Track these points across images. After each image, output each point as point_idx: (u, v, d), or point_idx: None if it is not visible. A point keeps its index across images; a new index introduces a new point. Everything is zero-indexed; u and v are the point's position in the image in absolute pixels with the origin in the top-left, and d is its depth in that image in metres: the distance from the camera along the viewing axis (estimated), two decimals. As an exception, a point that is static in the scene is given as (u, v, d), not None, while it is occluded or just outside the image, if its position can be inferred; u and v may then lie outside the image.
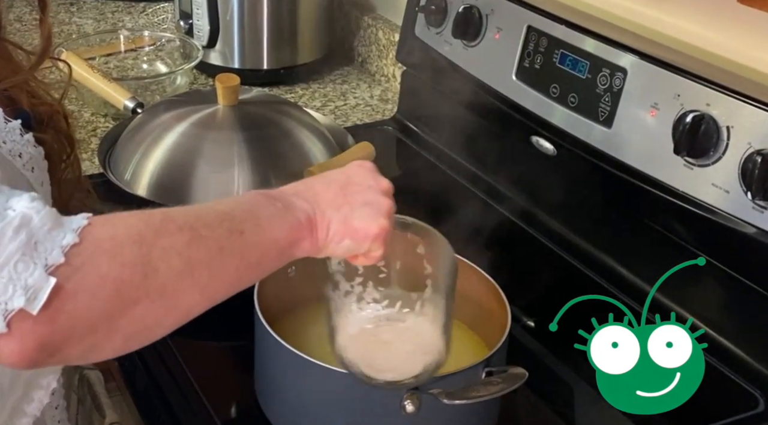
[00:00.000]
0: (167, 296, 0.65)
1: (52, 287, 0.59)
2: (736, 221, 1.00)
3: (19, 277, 0.59)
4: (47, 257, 0.60)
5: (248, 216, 0.71)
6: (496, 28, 1.32)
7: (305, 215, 0.75)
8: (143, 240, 0.64)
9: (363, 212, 0.77)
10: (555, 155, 1.24)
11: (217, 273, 0.68)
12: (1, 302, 0.59)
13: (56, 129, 0.86)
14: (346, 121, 1.64)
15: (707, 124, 1.02)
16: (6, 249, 0.59)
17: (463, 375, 0.87)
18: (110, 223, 0.65)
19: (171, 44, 1.81)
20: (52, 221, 0.62)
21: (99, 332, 0.62)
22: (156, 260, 0.64)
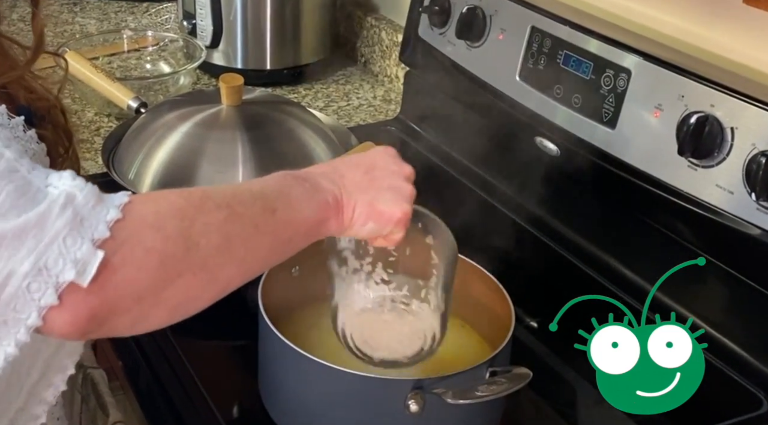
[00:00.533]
0: (207, 269, 0.68)
1: (100, 260, 0.62)
2: (740, 222, 1.00)
3: (68, 251, 0.62)
4: (93, 232, 0.62)
5: (279, 196, 0.75)
6: (500, 29, 1.32)
7: (332, 196, 0.78)
8: (184, 216, 0.67)
9: (387, 196, 0.81)
10: (558, 155, 1.24)
11: (253, 249, 0.71)
12: (53, 276, 0.61)
13: (54, 124, 0.87)
14: (349, 121, 1.64)
15: (711, 125, 1.02)
16: (54, 226, 0.62)
17: (467, 375, 0.87)
18: (151, 199, 0.68)
19: (174, 44, 1.82)
20: (95, 198, 0.64)
21: (145, 303, 0.65)
22: (197, 235, 0.67)
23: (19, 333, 0.63)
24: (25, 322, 0.62)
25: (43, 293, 0.62)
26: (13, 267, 0.62)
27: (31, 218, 0.62)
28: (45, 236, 0.62)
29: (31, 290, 0.62)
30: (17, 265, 0.62)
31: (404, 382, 0.86)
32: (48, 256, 0.62)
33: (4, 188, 0.63)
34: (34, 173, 0.66)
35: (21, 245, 0.62)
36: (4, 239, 0.61)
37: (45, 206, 0.63)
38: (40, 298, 0.62)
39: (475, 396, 0.85)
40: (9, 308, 0.62)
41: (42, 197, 0.63)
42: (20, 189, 0.64)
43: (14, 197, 0.63)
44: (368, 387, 0.87)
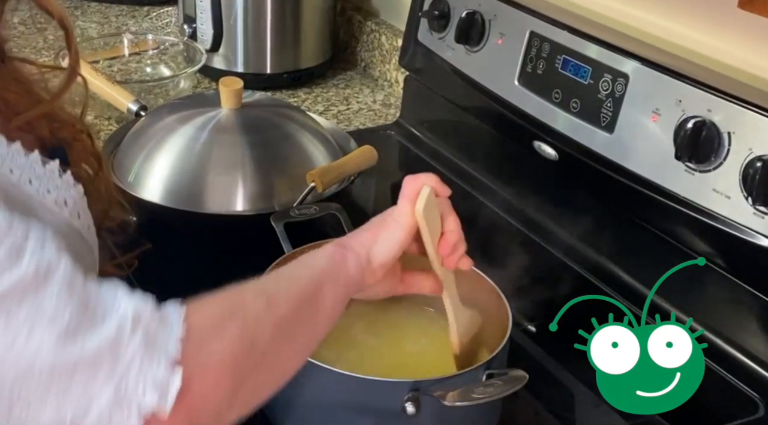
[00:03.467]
0: (268, 360, 0.68)
1: (179, 380, 0.59)
2: (737, 226, 1.01)
3: (146, 375, 0.59)
4: (166, 352, 0.60)
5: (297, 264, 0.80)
6: (499, 34, 1.33)
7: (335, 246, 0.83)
8: (234, 315, 0.67)
9: None
10: (557, 160, 1.25)
11: (301, 322, 0.73)
12: (135, 402, 0.58)
13: (83, 150, 0.83)
14: (348, 125, 1.64)
15: (708, 129, 1.02)
16: (129, 348, 0.59)
17: (464, 377, 0.88)
18: (200, 308, 0.66)
19: (174, 48, 1.82)
20: (157, 316, 0.62)
21: (222, 407, 0.64)
22: (253, 330, 0.67)
23: None
24: None
25: (126, 420, 0.58)
26: (91, 397, 0.58)
27: (103, 342, 0.58)
28: (121, 360, 0.58)
29: (113, 421, 0.58)
30: (95, 394, 0.58)
31: (401, 384, 0.86)
32: (127, 383, 0.58)
33: (66, 306, 0.59)
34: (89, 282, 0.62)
35: (96, 372, 0.58)
36: (78, 367, 0.58)
37: (115, 326, 0.59)
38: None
39: (472, 398, 0.85)
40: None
41: (103, 313, 0.60)
42: (82, 305, 0.60)
43: (78, 315, 0.59)
44: (365, 389, 0.88)
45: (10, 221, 0.60)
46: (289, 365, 0.72)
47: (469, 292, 1.03)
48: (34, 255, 0.59)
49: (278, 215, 1.15)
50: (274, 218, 1.14)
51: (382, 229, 0.85)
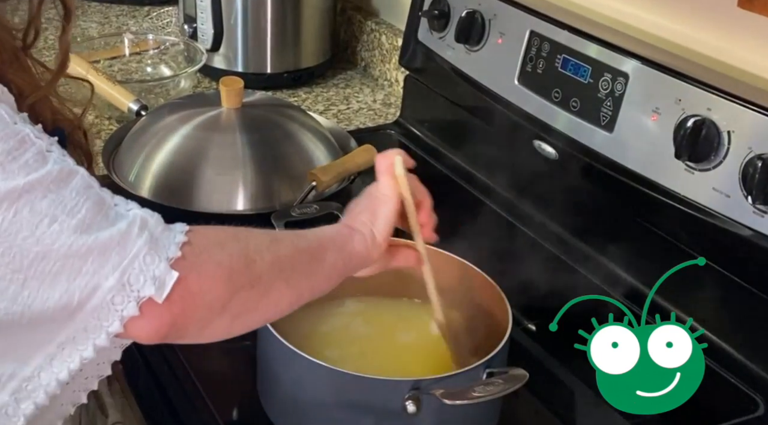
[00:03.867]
0: (262, 283, 0.76)
1: (175, 278, 0.69)
2: (736, 225, 1.01)
3: (147, 269, 0.68)
4: (167, 252, 0.69)
5: (305, 230, 0.86)
6: (499, 33, 1.33)
7: (342, 226, 0.90)
8: (239, 238, 0.76)
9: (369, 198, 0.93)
10: (557, 159, 1.25)
11: (299, 267, 0.80)
12: (135, 291, 0.68)
13: (75, 145, 0.89)
14: (349, 125, 1.64)
15: (708, 128, 1.02)
16: (135, 245, 0.68)
17: (464, 376, 0.88)
18: (208, 228, 0.75)
19: (175, 48, 1.82)
20: (163, 224, 0.72)
21: (213, 312, 0.72)
22: (252, 253, 0.75)
23: (98, 338, 0.69)
24: (106, 329, 0.68)
25: (125, 306, 0.68)
26: (98, 281, 0.67)
27: (114, 236, 0.68)
28: (127, 254, 0.68)
29: (114, 303, 0.68)
30: (102, 279, 0.67)
31: (402, 383, 0.86)
32: (130, 273, 0.68)
33: (84, 203, 0.69)
34: (105, 190, 0.72)
35: (105, 261, 0.67)
36: (90, 255, 0.67)
37: (125, 225, 0.69)
38: (122, 310, 0.68)
39: (472, 397, 0.85)
40: (92, 317, 0.68)
41: (115, 215, 0.70)
42: (97, 205, 0.69)
43: (93, 212, 0.69)
44: (366, 388, 0.88)
45: (38, 133, 0.70)
46: (281, 300, 0.79)
47: (469, 290, 1.03)
48: (57, 160, 0.70)
49: (279, 214, 1.15)
50: (275, 217, 1.14)
51: (377, 206, 0.90)
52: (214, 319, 0.73)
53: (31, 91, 0.83)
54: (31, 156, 0.68)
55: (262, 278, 0.76)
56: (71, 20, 0.89)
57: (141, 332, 0.70)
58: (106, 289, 0.67)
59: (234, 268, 0.73)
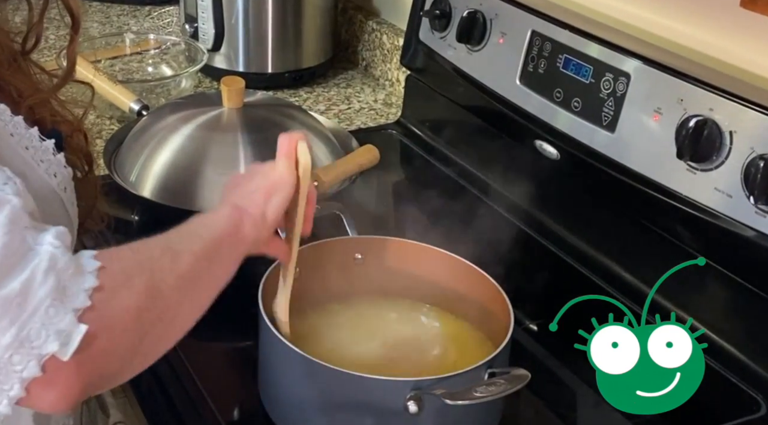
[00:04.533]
0: (171, 310, 0.71)
1: (83, 333, 0.62)
2: (738, 225, 1.01)
3: (51, 322, 0.61)
4: (75, 301, 0.62)
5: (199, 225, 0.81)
6: (501, 33, 1.33)
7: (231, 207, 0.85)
8: (143, 268, 0.70)
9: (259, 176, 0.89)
10: (558, 159, 1.25)
11: (201, 277, 0.76)
12: (36, 347, 0.61)
13: (75, 147, 0.88)
14: (350, 124, 1.64)
15: (710, 128, 1.02)
16: (37, 294, 0.61)
17: (466, 376, 0.88)
18: (113, 258, 0.68)
19: (176, 47, 1.82)
20: (74, 265, 0.64)
21: (126, 361, 0.67)
22: (158, 282, 0.70)
23: (0, 404, 0.62)
24: (7, 393, 0.61)
25: (26, 366, 0.61)
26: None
27: (15, 287, 0.61)
28: (28, 305, 0.61)
29: (13, 362, 0.61)
30: None
31: (403, 383, 0.86)
32: (30, 327, 0.61)
33: None
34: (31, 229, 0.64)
35: (4, 314, 0.60)
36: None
37: (29, 272, 0.61)
38: (22, 370, 0.61)
39: (474, 397, 0.85)
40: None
41: (27, 255, 0.62)
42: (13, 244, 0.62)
43: (6, 252, 0.61)
44: (367, 388, 0.88)
45: None
46: (187, 318, 0.75)
47: (470, 290, 1.03)
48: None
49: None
50: (276, 218, 1.14)
51: (272, 187, 0.87)
52: (125, 367, 0.68)
53: (31, 92, 0.82)
54: None
55: (170, 307, 0.71)
56: (79, 30, 0.87)
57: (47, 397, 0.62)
58: (3, 347, 0.60)
59: (142, 308, 0.67)
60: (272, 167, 0.89)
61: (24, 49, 0.85)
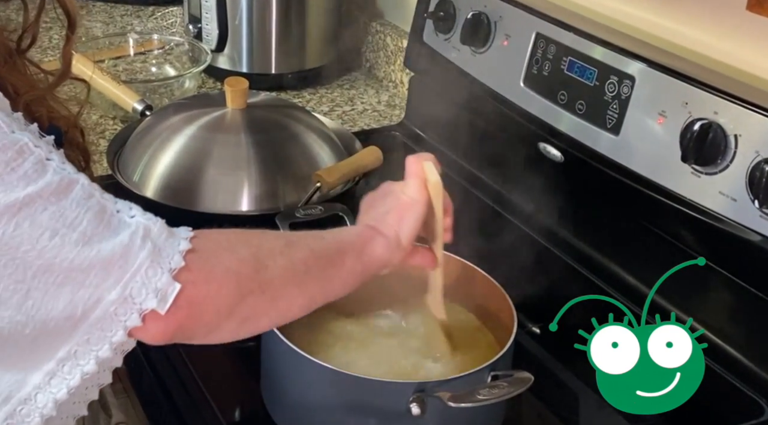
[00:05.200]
0: (274, 288, 0.76)
1: (177, 291, 0.69)
2: (743, 229, 1.00)
3: (150, 282, 0.68)
4: (170, 262, 0.69)
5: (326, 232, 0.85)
6: (505, 35, 1.33)
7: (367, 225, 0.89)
8: (250, 242, 0.76)
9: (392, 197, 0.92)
10: (562, 162, 1.24)
11: (313, 272, 0.79)
12: (137, 303, 0.68)
13: (72, 143, 0.89)
14: (353, 126, 1.64)
15: (715, 132, 1.02)
16: (137, 257, 0.68)
17: (469, 379, 0.87)
18: (218, 231, 0.76)
19: (180, 48, 1.82)
20: (167, 231, 0.71)
21: (221, 316, 0.72)
22: (265, 258, 0.75)
23: (101, 350, 0.69)
24: (110, 339, 0.69)
25: (128, 317, 0.68)
26: (101, 295, 0.67)
27: (116, 250, 0.68)
28: (130, 267, 0.68)
29: (117, 314, 0.68)
30: (105, 293, 0.67)
31: (406, 385, 0.86)
32: (132, 286, 0.68)
33: (85, 215, 0.68)
34: (107, 196, 0.71)
35: (108, 274, 0.67)
36: (92, 269, 0.67)
37: (127, 237, 0.68)
38: (126, 320, 0.68)
39: (477, 400, 0.85)
40: (96, 328, 0.68)
41: (117, 224, 0.69)
42: (98, 216, 0.69)
43: (94, 223, 0.68)
44: (370, 390, 0.87)
45: (36, 141, 0.69)
46: (292, 305, 0.78)
47: (473, 293, 1.03)
48: (57, 170, 0.69)
49: (283, 215, 1.15)
50: (280, 218, 1.14)
51: (404, 209, 0.89)
52: (221, 323, 0.73)
53: (27, 89, 0.83)
54: (30, 166, 0.68)
55: (274, 283, 0.75)
56: (75, 30, 0.89)
57: (146, 336, 0.70)
58: (109, 302, 0.68)
59: (243, 273, 0.73)
60: (403, 188, 0.91)
61: (19, 48, 0.86)
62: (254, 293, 0.74)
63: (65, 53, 0.89)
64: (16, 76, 0.82)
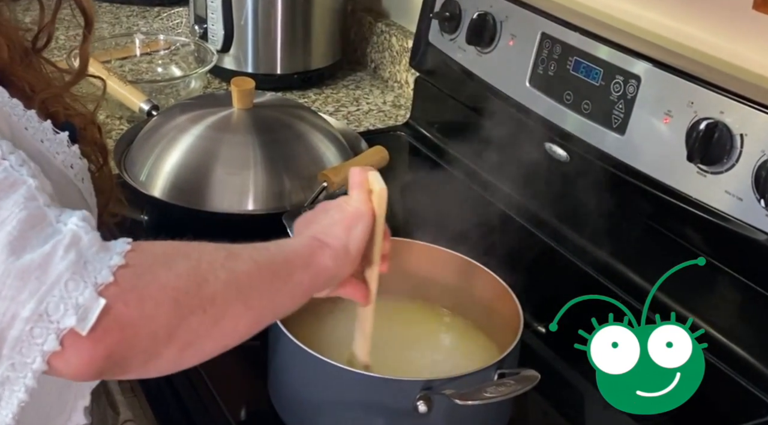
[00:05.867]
0: (217, 305, 0.67)
1: (102, 307, 0.61)
2: (748, 228, 1.01)
3: (69, 296, 0.61)
4: (96, 276, 0.62)
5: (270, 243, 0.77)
6: (510, 35, 1.33)
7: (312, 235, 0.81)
8: (190, 255, 0.68)
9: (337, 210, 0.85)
10: (568, 161, 1.25)
11: (258, 286, 0.72)
12: (54, 321, 0.60)
13: (90, 140, 0.89)
14: (358, 126, 1.64)
15: (721, 131, 1.02)
16: (57, 268, 0.61)
17: (476, 377, 0.88)
18: (154, 244, 0.68)
19: (185, 48, 1.83)
20: (99, 243, 0.64)
21: (159, 342, 0.64)
22: (205, 272, 0.67)
23: (26, 378, 0.62)
24: (30, 367, 0.61)
25: (45, 339, 0.60)
26: (16, 310, 0.60)
27: (35, 259, 0.61)
28: (48, 279, 0.61)
29: (34, 335, 0.60)
30: (20, 308, 0.60)
31: (413, 383, 0.87)
32: (49, 301, 0.60)
33: (17, 215, 0.62)
34: (55, 207, 0.65)
35: (23, 286, 0.60)
36: (7, 278, 0.60)
37: (50, 246, 0.62)
38: (42, 343, 0.60)
39: (484, 398, 0.85)
40: (15, 351, 0.61)
41: (51, 233, 0.63)
42: (32, 220, 0.63)
43: (25, 227, 0.62)
44: (377, 387, 0.88)
45: None
46: (237, 324, 0.70)
47: (479, 292, 1.03)
48: (7, 168, 0.64)
49: (290, 215, 1.15)
50: (286, 218, 1.14)
51: (351, 219, 0.83)
52: (160, 349, 0.65)
53: (43, 88, 0.83)
54: None
55: (216, 300, 0.67)
56: (92, 29, 0.89)
57: (68, 366, 0.62)
58: (24, 319, 0.60)
59: (182, 290, 0.65)
60: (346, 200, 0.85)
61: (35, 47, 0.86)
62: (195, 312, 0.65)
63: (82, 52, 0.89)
64: (32, 74, 0.82)
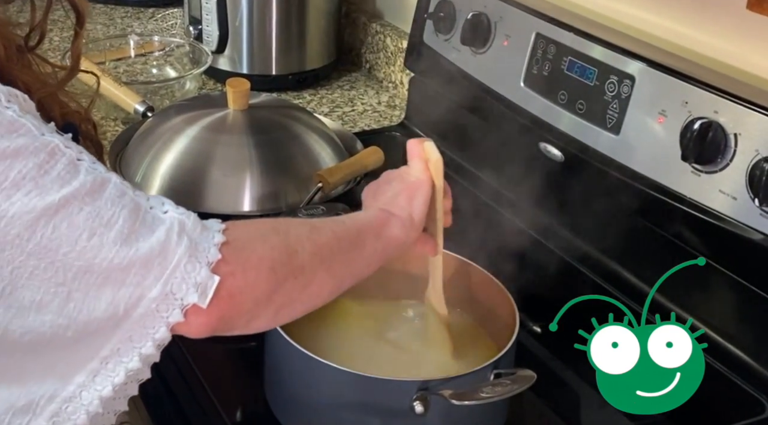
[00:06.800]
0: (306, 273, 0.77)
1: (217, 283, 0.70)
2: (743, 227, 1.01)
3: (189, 276, 0.69)
4: (207, 255, 0.70)
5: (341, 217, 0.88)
6: (505, 35, 1.33)
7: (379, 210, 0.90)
8: (278, 230, 0.77)
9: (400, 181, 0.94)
10: (563, 161, 1.25)
11: (338, 255, 0.81)
12: (178, 298, 0.69)
13: (86, 137, 0.89)
14: (353, 127, 1.64)
15: (715, 131, 1.02)
16: (176, 253, 0.69)
17: (472, 377, 0.88)
18: (243, 222, 0.77)
19: (180, 49, 1.83)
20: (200, 224, 0.72)
21: (260, 305, 0.74)
22: (293, 244, 0.77)
23: (145, 346, 0.70)
24: (153, 335, 0.70)
25: (170, 313, 0.69)
26: (142, 292, 0.68)
27: (154, 247, 0.69)
28: (169, 263, 0.69)
29: (159, 310, 0.69)
30: (146, 290, 0.68)
31: (410, 383, 0.87)
32: (173, 282, 0.69)
33: (120, 213, 0.69)
34: (139, 193, 0.72)
35: (148, 272, 0.68)
36: (132, 267, 0.68)
37: (163, 234, 0.69)
38: (168, 316, 0.69)
39: (480, 398, 0.85)
40: (138, 325, 0.69)
41: (152, 221, 0.70)
42: (133, 213, 0.69)
43: (130, 221, 0.69)
44: (373, 388, 0.88)
45: (66, 142, 0.70)
46: (323, 287, 0.80)
47: (474, 291, 1.04)
48: (89, 169, 0.69)
49: (285, 216, 1.15)
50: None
51: (413, 189, 0.91)
52: (260, 312, 0.75)
53: (39, 87, 0.83)
54: (63, 168, 0.68)
55: (305, 268, 0.77)
56: (84, 26, 0.89)
57: (189, 330, 0.71)
58: (150, 299, 0.69)
59: (277, 260, 0.74)
60: (407, 170, 0.94)
61: (28, 46, 0.87)
62: (288, 279, 0.75)
63: (74, 49, 0.90)
64: (27, 73, 0.83)
